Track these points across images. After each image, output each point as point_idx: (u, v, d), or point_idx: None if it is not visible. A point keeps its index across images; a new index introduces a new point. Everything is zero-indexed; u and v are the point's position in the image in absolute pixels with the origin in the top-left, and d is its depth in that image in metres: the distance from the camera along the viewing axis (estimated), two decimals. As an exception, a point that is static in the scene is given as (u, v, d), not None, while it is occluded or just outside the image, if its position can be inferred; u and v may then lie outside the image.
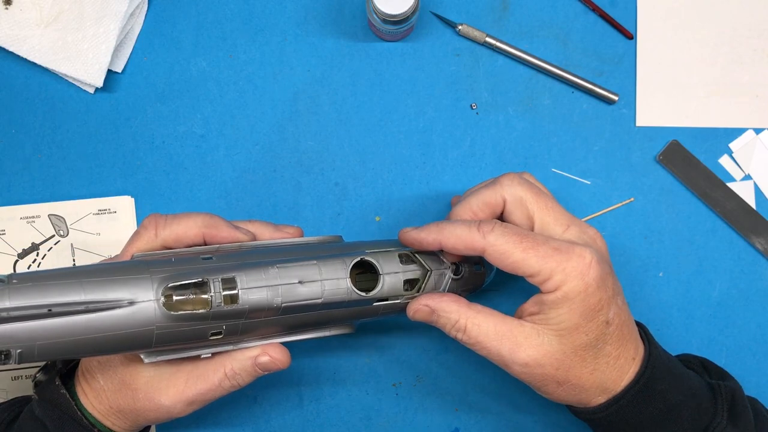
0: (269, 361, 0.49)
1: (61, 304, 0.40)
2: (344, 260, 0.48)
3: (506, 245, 0.46)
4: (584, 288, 0.45)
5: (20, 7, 0.62)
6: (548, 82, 0.64)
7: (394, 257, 0.50)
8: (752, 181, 0.64)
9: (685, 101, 0.64)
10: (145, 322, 0.43)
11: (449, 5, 0.64)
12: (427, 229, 0.49)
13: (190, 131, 0.64)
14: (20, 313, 0.40)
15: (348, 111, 0.64)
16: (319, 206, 0.63)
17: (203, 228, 0.49)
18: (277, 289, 0.46)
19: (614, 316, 0.47)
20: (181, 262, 0.45)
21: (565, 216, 0.49)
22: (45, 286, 0.41)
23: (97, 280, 0.42)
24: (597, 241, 0.49)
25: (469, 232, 0.47)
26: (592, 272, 0.45)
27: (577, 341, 0.46)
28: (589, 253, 0.46)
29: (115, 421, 0.51)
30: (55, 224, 0.62)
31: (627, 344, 0.48)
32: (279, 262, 0.47)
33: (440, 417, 0.62)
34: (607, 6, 0.64)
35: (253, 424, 0.62)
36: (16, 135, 0.63)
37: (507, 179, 0.50)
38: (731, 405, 0.49)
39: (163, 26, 0.64)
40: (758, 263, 0.63)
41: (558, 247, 0.46)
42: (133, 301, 0.42)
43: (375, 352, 0.63)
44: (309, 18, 0.64)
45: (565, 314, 0.46)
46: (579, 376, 0.47)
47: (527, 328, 0.47)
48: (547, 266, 0.45)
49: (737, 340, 0.63)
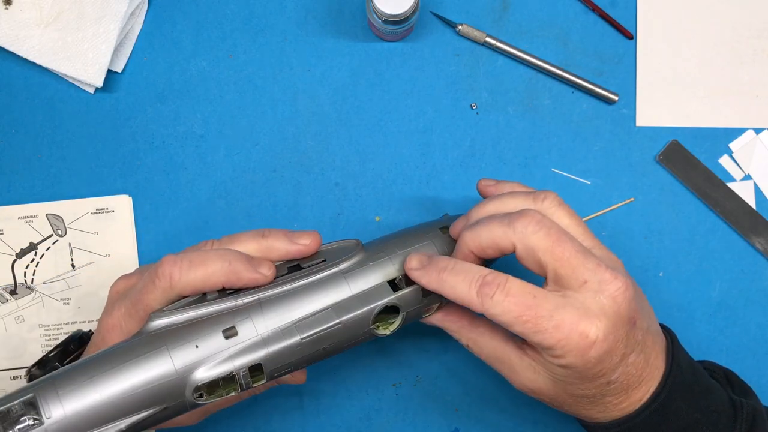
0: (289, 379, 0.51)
1: None
2: (368, 311, 0.47)
3: (504, 317, 0.43)
4: (583, 364, 0.43)
5: (20, 7, 0.62)
6: (548, 82, 0.64)
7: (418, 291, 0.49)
8: (752, 181, 0.64)
9: (685, 101, 0.64)
10: (181, 416, 0.45)
11: (449, 5, 0.64)
12: (428, 275, 0.46)
13: (190, 131, 0.64)
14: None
15: (348, 111, 0.64)
16: (319, 206, 0.63)
17: (221, 278, 0.45)
18: (303, 358, 0.46)
19: (619, 376, 0.44)
20: (205, 346, 0.44)
21: (583, 267, 0.43)
22: (83, 418, 0.41)
23: (132, 393, 0.42)
24: (617, 299, 0.43)
25: (468, 293, 0.44)
26: (594, 351, 0.42)
27: (574, 392, 0.45)
28: (595, 329, 0.42)
29: None
30: (53, 224, 0.62)
31: (633, 392, 0.46)
32: (301, 329, 0.46)
33: (440, 417, 0.62)
34: (607, 6, 0.64)
35: (253, 424, 0.62)
36: (16, 135, 0.63)
37: (521, 224, 0.44)
38: (751, 426, 0.47)
39: (163, 26, 0.64)
40: (758, 263, 0.63)
41: (559, 325, 0.42)
42: (166, 408, 0.44)
43: (375, 352, 0.63)
44: (309, 18, 0.64)
45: (562, 373, 0.44)
46: (575, 411, 0.48)
47: (526, 361, 0.46)
48: (546, 342, 0.43)
49: (737, 340, 0.63)
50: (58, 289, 0.62)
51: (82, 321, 0.62)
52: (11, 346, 0.62)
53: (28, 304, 0.62)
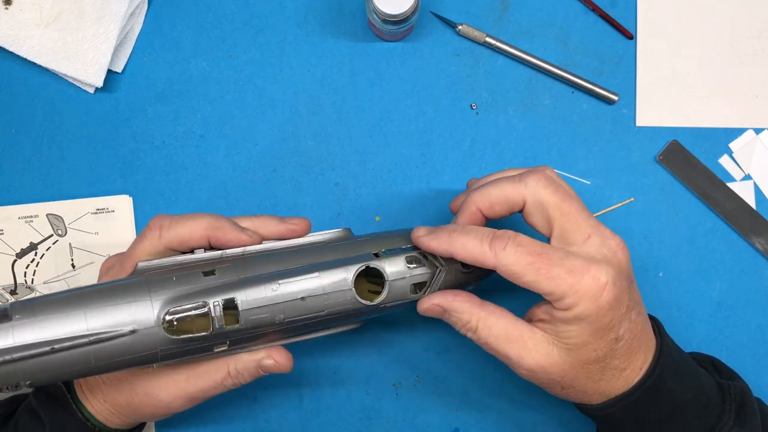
0: (273, 365, 0.49)
1: (65, 339, 0.41)
2: (348, 269, 0.48)
3: (518, 266, 0.45)
4: (596, 310, 0.44)
5: (20, 7, 0.62)
6: (548, 82, 0.64)
7: (401, 260, 0.49)
8: (752, 181, 0.64)
9: (685, 101, 0.64)
10: (148, 347, 0.44)
11: (449, 5, 0.64)
12: (438, 237, 0.48)
13: (190, 131, 0.64)
14: (25, 354, 0.41)
15: (348, 111, 0.64)
16: (319, 206, 0.63)
17: (208, 231, 0.48)
18: (279, 307, 0.46)
19: (625, 332, 0.46)
20: (182, 281, 0.45)
21: (587, 224, 0.47)
22: (48, 320, 0.41)
23: (99, 306, 0.43)
24: (618, 253, 0.47)
25: (480, 246, 0.46)
26: (606, 295, 0.44)
27: (585, 356, 0.46)
28: (605, 273, 0.44)
29: (108, 416, 0.50)
30: (54, 224, 0.62)
31: (635, 356, 0.47)
32: (281, 276, 0.46)
33: (440, 417, 0.62)
34: (607, 6, 0.64)
35: (253, 424, 0.62)
36: (16, 135, 0.63)
37: (533, 179, 0.47)
38: (740, 406, 0.49)
39: (163, 26, 0.64)
40: (758, 263, 0.63)
41: (572, 269, 0.44)
42: (135, 330, 0.43)
43: (375, 352, 0.63)
44: (309, 18, 0.64)
45: (575, 332, 0.45)
46: (583, 384, 0.47)
47: (538, 335, 0.47)
48: (559, 288, 0.44)
49: (737, 340, 0.63)
50: (59, 289, 0.62)
51: (83, 321, 0.62)
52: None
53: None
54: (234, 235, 0.48)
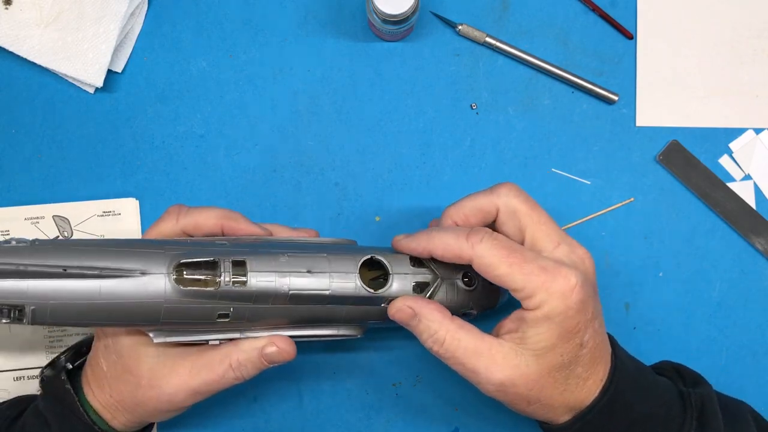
0: (276, 352, 0.49)
1: (77, 266, 0.43)
2: (354, 257, 0.49)
3: (493, 258, 0.46)
4: (565, 310, 0.45)
5: (20, 7, 0.62)
6: (548, 82, 0.64)
7: (405, 260, 0.50)
8: (752, 181, 0.64)
9: (685, 101, 0.64)
10: (155, 295, 0.44)
11: (449, 5, 0.64)
12: (417, 238, 0.49)
13: (190, 131, 0.64)
14: (37, 269, 0.42)
15: (348, 111, 0.64)
16: (319, 206, 0.64)
17: (222, 219, 0.51)
18: (286, 276, 0.47)
19: (589, 339, 0.47)
20: (196, 245, 0.47)
21: (556, 233, 0.49)
22: (64, 250, 0.43)
23: (114, 249, 0.44)
24: (585, 261, 0.48)
25: (457, 240, 0.47)
26: (575, 296, 0.45)
27: (552, 362, 0.46)
28: (575, 276, 0.45)
29: (114, 413, 0.50)
30: (60, 225, 0.62)
31: (597, 366, 0.48)
32: (290, 252, 0.48)
33: (440, 417, 0.62)
34: (607, 6, 0.64)
35: (253, 423, 0.62)
36: (16, 135, 0.63)
37: (504, 189, 0.50)
38: (701, 413, 0.49)
39: (163, 26, 0.64)
40: (758, 263, 0.63)
41: (544, 267, 0.45)
42: (145, 272, 0.44)
43: (375, 352, 0.63)
44: (309, 18, 0.64)
45: (544, 333, 0.45)
46: (550, 396, 0.47)
47: (506, 347, 0.47)
48: (531, 284, 0.45)
49: (737, 340, 0.63)
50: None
51: (83, 321, 0.62)
52: (15, 347, 0.62)
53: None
54: (246, 225, 0.51)
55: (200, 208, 0.51)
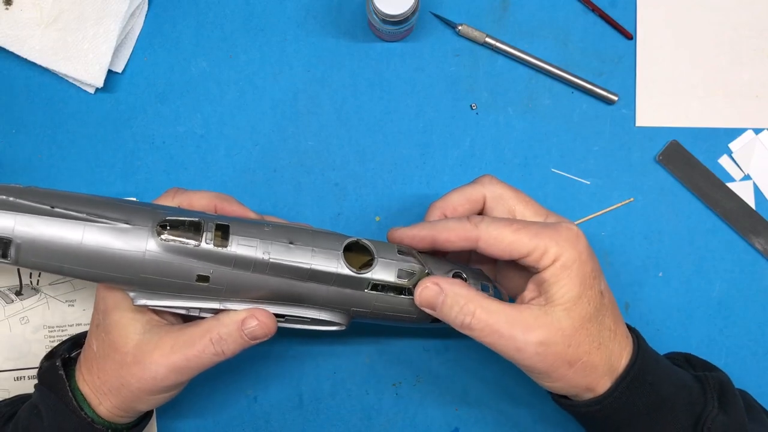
0: (257, 326, 0.49)
1: (64, 206, 0.44)
2: (340, 237, 0.50)
3: (498, 230, 0.48)
4: (578, 255, 0.47)
5: (20, 8, 0.62)
6: (548, 82, 0.64)
7: (393, 248, 0.51)
8: (752, 181, 0.64)
9: (685, 101, 0.64)
10: (136, 246, 0.45)
11: (449, 5, 0.64)
12: (419, 226, 0.51)
13: (190, 131, 0.64)
14: (26, 204, 0.44)
15: (348, 111, 0.64)
16: (319, 206, 0.64)
17: (216, 200, 0.52)
18: (267, 245, 0.47)
19: (605, 289, 0.50)
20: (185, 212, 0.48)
21: (543, 210, 0.52)
22: (57, 195, 0.45)
23: (104, 202, 0.46)
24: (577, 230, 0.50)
25: (460, 223, 0.49)
26: (582, 241, 0.48)
27: (582, 312, 0.47)
28: (575, 225, 0.49)
29: (101, 397, 0.50)
30: (56, 224, 0.62)
31: (620, 322, 0.50)
32: (275, 225, 0.49)
33: (440, 417, 0.62)
34: (607, 6, 0.64)
35: (253, 424, 0.62)
36: (16, 135, 0.63)
37: (487, 178, 0.53)
38: (720, 394, 0.50)
39: (163, 26, 0.64)
40: (758, 263, 0.63)
41: (546, 225, 0.49)
42: (129, 223, 0.45)
43: (375, 352, 0.63)
44: (309, 18, 0.64)
45: (567, 285, 0.47)
46: (588, 352, 0.48)
47: (535, 310, 0.48)
48: (541, 242, 0.47)
49: (737, 340, 0.63)
50: (64, 290, 0.62)
51: (87, 323, 0.62)
52: (15, 346, 0.62)
53: (33, 305, 0.62)
54: (239, 208, 0.53)
55: (196, 190, 0.53)
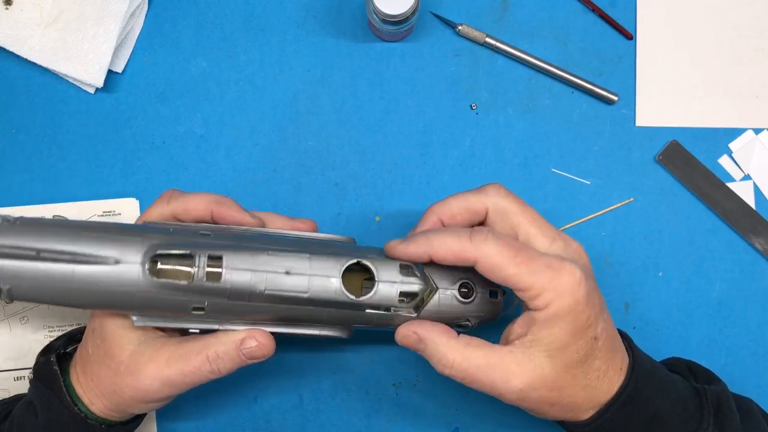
0: (255, 347, 0.48)
1: (50, 251, 0.43)
2: (339, 259, 0.48)
3: (500, 258, 0.45)
4: (574, 306, 0.44)
5: (20, 7, 0.62)
6: (548, 82, 0.64)
7: (395, 266, 0.49)
8: (752, 181, 0.64)
9: (685, 101, 0.64)
10: (128, 284, 0.44)
11: (449, 5, 0.64)
12: (415, 241, 0.47)
13: (190, 131, 0.64)
14: (11, 252, 0.43)
15: (348, 111, 0.64)
16: (319, 206, 0.64)
17: (212, 204, 0.49)
18: (263, 275, 0.46)
19: (602, 331, 0.46)
20: (178, 233, 0.46)
21: (549, 229, 0.48)
22: (42, 231, 0.44)
23: (92, 234, 0.44)
24: (582, 255, 0.48)
25: (459, 241, 0.46)
26: (582, 289, 0.45)
27: (568, 360, 0.46)
28: (579, 269, 0.45)
29: (93, 398, 0.50)
30: (56, 224, 0.62)
31: (615, 356, 0.48)
32: (272, 250, 0.47)
33: (440, 417, 0.62)
34: (607, 6, 0.64)
35: (253, 423, 0.62)
36: (16, 135, 0.63)
37: (493, 188, 0.49)
38: (717, 409, 0.49)
39: (163, 26, 0.64)
40: (758, 263, 0.63)
41: (549, 264, 0.45)
42: (119, 261, 0.44)
43: (375, 352, 0.63)
44: (309, 18, 0.64)
45: (556, 333, 0.45)
46: (572, 395, 0.47)
47: (518, 354, 0.46)
48: (538, 283, 0.44)
49: (737, 340, 0.63)
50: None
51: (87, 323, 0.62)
52: (15, 346, 0.62)
53: (33, 305, 0.62)
54: (237, 212, 0.50)
55: (192, 193, 0.51)
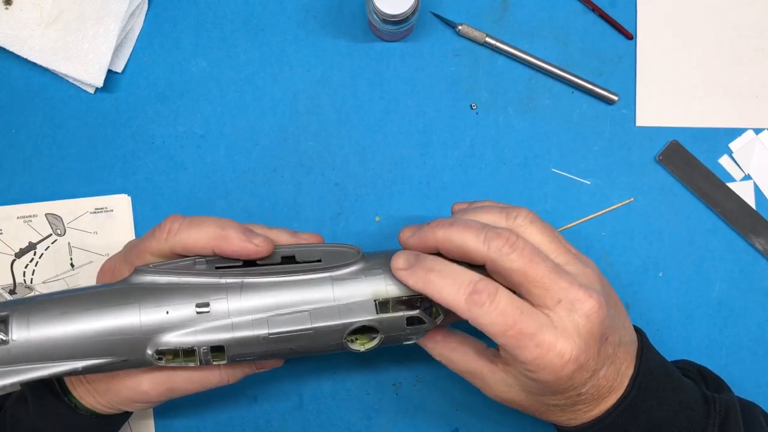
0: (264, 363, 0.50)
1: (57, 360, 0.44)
2: (344, 322, 0.47)
3: (492, 328, 0.43)
4: (555, 380, 0.44)
5: (20, 7, 0.62)
6: (548, 82, 0.64)
7: (401, 321, 0.48)
8: (752, 181, 0.64)
9: (685, 101, 0.64)
10: (135, 363, 0.46)
11: (449, 5, 0.64)
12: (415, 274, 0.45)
13: (190, 131, 0.64)
14: (19, 380, 0.44)
15: (348, 111, 0.64)
16: (319, 206, 0.63)
17: (213, 242, 0.46)
18: (267, 350, 0.47)
19: (590, 388, 0.45)
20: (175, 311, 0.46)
21: (557, 286, 0.44)
22: (45, 348, 0.44)
23: (92, 338, 0.45)
24: (591, 317, 0.44)
25: (456, 296, 0.43)
26: (566, 369, 0.43)
27: (545, 401, 0.46)
28: (571, 347, 0.43)
29: (83, 394, 0.50)
30: (53, 223, 0.62)
31: (604, 401, 0.47)
32: (273, 323, 0.46)
33: (440, 417, 0.62)
34: (607, 6, 0.64)
35: (253, 423, 0.62)
36: (16, 135, 0.63)
37: (497, 243, 0.44)
38: (723, 420, 0.48)
39: (163, 26, 0.64)
40: (758, 263, 0.63)
41: (540, 344, 0.43)
42: (126, 361, 0.46)
43: (375, 352, 0.62)
44: (309, 18, 0.65)
45: (534, 387, 0.45)
46: (548, 418, 0.48)
47: (498, 376, 0.47)
48: (522, 356, 0.43)
49: (737, 340, 0.63)
50: (58, 288, 0.62)
51: (82, 321, 0.62)
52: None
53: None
54: (240, 245, 0.46)
55: (193, 225, 0.47)
